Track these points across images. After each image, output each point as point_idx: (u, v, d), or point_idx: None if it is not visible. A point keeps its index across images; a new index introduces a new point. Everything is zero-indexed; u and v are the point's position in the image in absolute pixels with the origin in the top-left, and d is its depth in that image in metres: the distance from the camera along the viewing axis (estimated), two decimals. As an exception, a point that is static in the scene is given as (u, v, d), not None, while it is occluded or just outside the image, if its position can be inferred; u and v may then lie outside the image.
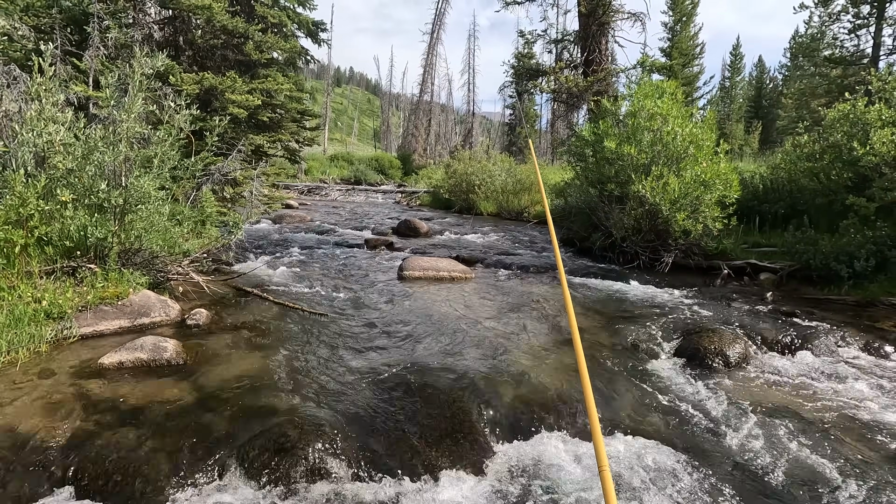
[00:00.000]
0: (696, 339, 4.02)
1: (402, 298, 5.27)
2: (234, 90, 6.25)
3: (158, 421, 2.52)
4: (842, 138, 6.95)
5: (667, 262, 6.96)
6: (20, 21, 5.40)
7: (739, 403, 3.19)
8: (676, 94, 7.31)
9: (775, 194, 8.07)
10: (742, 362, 3.81)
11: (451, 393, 2.98)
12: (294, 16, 7.74)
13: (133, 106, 3.91)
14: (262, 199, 6.86)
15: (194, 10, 6.16)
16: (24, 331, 3.22)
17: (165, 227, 4.68)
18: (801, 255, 6.26)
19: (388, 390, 3.04)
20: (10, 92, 4.64)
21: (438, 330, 4.25)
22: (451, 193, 16.79)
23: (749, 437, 2.83)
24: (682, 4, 29.25)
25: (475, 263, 7.41)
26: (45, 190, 3.72)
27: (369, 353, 3.67)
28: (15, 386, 2.76)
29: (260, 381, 3.04)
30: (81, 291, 3.77)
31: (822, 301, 5.64)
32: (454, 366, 3.42)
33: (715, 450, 2.70)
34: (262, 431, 2.43)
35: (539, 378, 3.29)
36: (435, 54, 37.67)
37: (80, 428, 2.41)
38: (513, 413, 2.89)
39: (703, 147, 6.82)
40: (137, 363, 3.11)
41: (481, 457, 2.52)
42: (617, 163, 7.11)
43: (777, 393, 3.41)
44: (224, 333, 3.87)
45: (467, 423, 2.72)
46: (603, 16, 11.55)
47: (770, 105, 37.44)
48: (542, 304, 5.24)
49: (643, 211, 6.92)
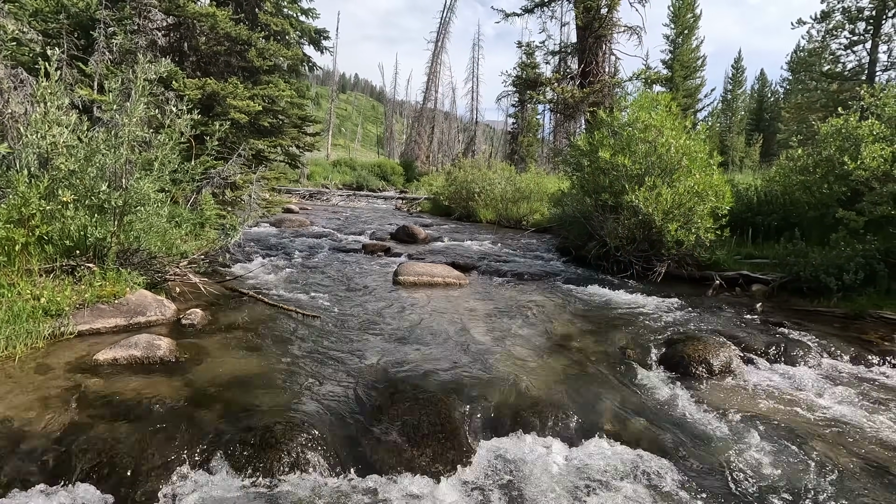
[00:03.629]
0: (682, 348, 4.09)
1: (395, 303, 5.35)
2: (235, 96, 6.38)
3: (150, 415, 2.60)
4: (834, 152, 7.05)
5: (660, 272, 7.03)
6: (28, 25, 5.55)
7: (721, 411, 3.25)
8: (671, 106, 7.42)
9: (769, 206, 8.16)
10: (726, 371, 3.87)
11: (436, 394, 3.05)
12: (297, 24, 7.90)
13: (135, 110, 4.02)
14: (261, 203, 6.96)
15: (199, 17, 6.30)
16: (23, 327, 3.31)
17: (164, 229, 4.78)
18: (792, 266, 6.32)
19: (375, 391, 3.11)
20: (16, 94, 4.77)
21: (429, 334, 4.32)
22: (451, 201, 16.90)
23: (728, 444, 2.88)
24: (684, 17, 29.53)
25: (470, 270, 7.48)
26: (47, 190, 3.83)
27: (359, 354, 3.74)
28: (11, 380, 2.84)
29: (250, 380, 3.12)
30: (79, 290, 3.86)
31: (812, 313, 5.69)
32: (441, 368, 3.50)
33: (694, 457, 2.75)
34: (249, 427, 2.50)
35: (523, 381, 3.36)
36: (439, 62, 38.03)
37: (73, 421, 2.49)
38: (497, 416, 2.95)
39: (696, 158, 6.92)
40: (131, 360, 3.19)
41: (463, 455, 2.58)
42: (611, 173, 7.21)
43: (760, 402, 3.47)
44: (217, 333, 3.95)
45: (450, 423, 2.79)
46: (599, 29, 11.70)
47: (771, 118, 37.64)
48: (533, 310, 5.31)
49: (637, 221, 7.01)
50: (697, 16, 29.75)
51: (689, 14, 29.55)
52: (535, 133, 39.60)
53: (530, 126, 39.02)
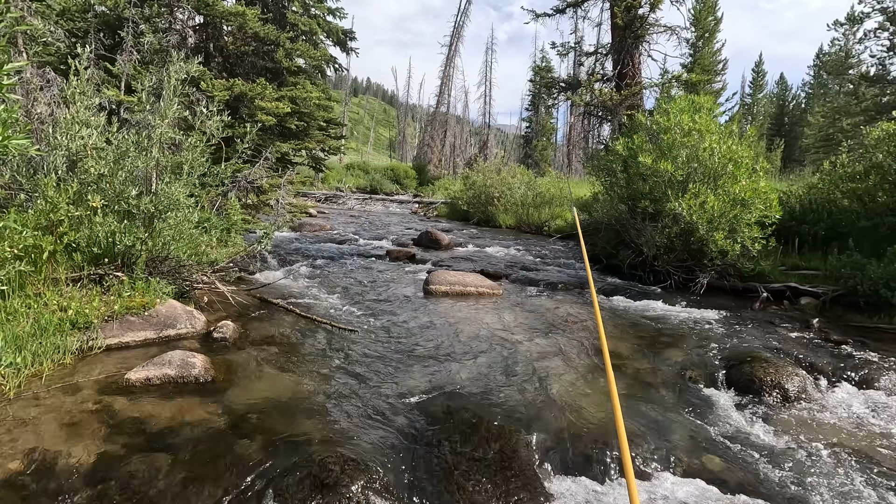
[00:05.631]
0: (749, 369, 3.77)
1: (430, 315, 5.09)
2: (263, 97, 6.19)
3: (188, 445, 2.36)
4: (885, 158, 6.67)
5: (702, 284, 6.69)
6: (56, 25, 5.40)
7: (805, 444, 2.94)
8: (713, 110, 7.09)
9: (814, 215, 7.77)
10: (801, 396, 3.55)
11: (494, 422, 2.77)
12: (324, 24, 7.70)
13: (168, 110, 3.81)
14: (288, 208, 6.76)
15: (227, 16, 6.13)
16: (49, 341, 3.09)
17: (192, 235, 4.56)
18: (848, 279, 5.95)
19: (425, 417, 2.84)
20: (43, 95, 4.60)
21: (472, 350, 4.05)
22: (470, 205, 16.62)
23: (820, 484, 2.57)
24: (705, 21, 29.02)
25: (501, 278, 7.20)
26: (76, 195, 3.63)
27: (402, 374, 3.48)
28: (39, 402, 2.62)
29: (292, 404, 2.87)
30: (108, 300, 3.64)
31: (872, 330, 5.33)
32: (493, 391, 3.22)
33: (782, 497, 2.45)
34: (300, 463, 2.25)
35: (586, 406, 3.08)
36: (452, 66, 37.81)
37: (105, 452, 2.25)
38: (564, 448, 2.67)
39: (741, 164, 6.58)
40: (165, 379, 2.95)
41: (535, 496, 2.31)
42: (651, 179, 6.89)
43: (845, 433, 3.14)
44: (252, 348, 3.72)
45: (516, 457, 2.52)
46: (639, 29, 11.36)
47: (793, 123, 36.87)
48: (576, 324, 5.02)
49: (678, 229, 6.68)
50: (719, 19, 29.23)
51: (711, 17, 29.04)
52: (548, 137, 39.24)
53: (544, 130, 38.68)
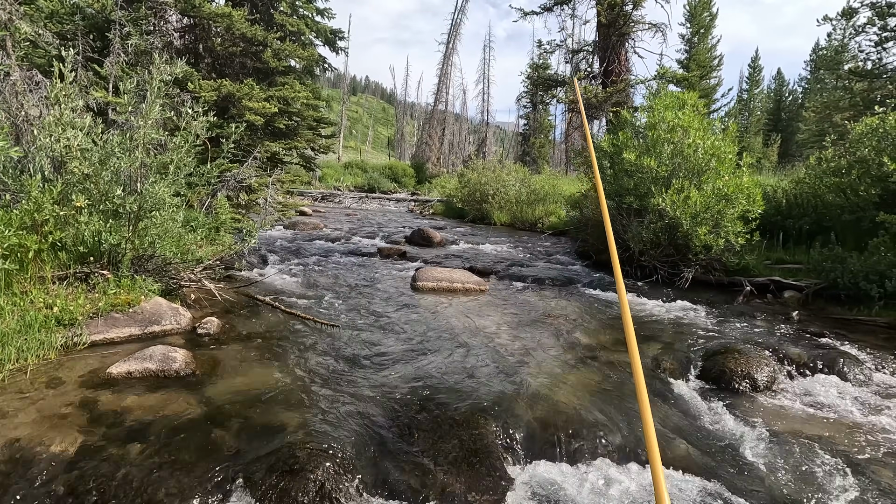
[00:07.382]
0: (722, 361, 3.85)
1: (415, 310, 5.17)
2: (251, 97, 6.26)
3: (165, 435, 2.44)
4: (869, 153, 6.74)
5: (686, 278, 6.77)
6: (44, 27, 5.48)
7: (771, 432, 3.02)
8: (697, 106, 7.16)
9: (799, 209, 7.85)
10: (771, 386, 3.63)
11: (466, 413, 2.86)
12: (312, 24, 7.77)
13: (150, 112, 3.89)
14: (277, 207, 6.83)
15: (215, 17, 6.19)
16: (35, 337, 3.18)
17: (179, 234, 4.65)
18: (829, 273, 6.03)
19: (401, 408, 2.93)
20: (31, 97, 4.67)
21: (453, 345, 4.14)
22: (465, 203, 16.71)
23: (782, 470, 2.66)
24: (700, 17, 29.06)
25: (489, 275, 7.29)
26: (60, 195, 3.71)
27: (382, 367, 3.57)
28: (22, 395, 2.70)
29: (269, 395, 2.95)
30: (93, 298, 3.73)
31: (851, 322, 5.41)
32: (469, 384, 3.31)
33: (743, 483, 2.54)
34: (271, 451, 2.33)
35: (559, 398, 3.16)
36: (450, 64, 37.87)
37: (85, 443, 2.34)
38: (532, 436, 2.75)
39: (724, 160, 6.65)
40: (146, 373, 3.04)
41: (498, 483, 2.39)
42: (636, 175, 6.97)
43: (810, 421, 3.23)
44: (234, 343, 3.80)
45: (483, 446, 2.60)
46: (623, 26, 11.42)
47: (790, 118, 36.90)
48: (559, 319, 5.10)
49: (663, 225, 6.76)
50: (714, 14, 29.27)
51: (706, 13, 29.09)
52: (546, 134, 39.27)
53: (542, 127, 38.71)
